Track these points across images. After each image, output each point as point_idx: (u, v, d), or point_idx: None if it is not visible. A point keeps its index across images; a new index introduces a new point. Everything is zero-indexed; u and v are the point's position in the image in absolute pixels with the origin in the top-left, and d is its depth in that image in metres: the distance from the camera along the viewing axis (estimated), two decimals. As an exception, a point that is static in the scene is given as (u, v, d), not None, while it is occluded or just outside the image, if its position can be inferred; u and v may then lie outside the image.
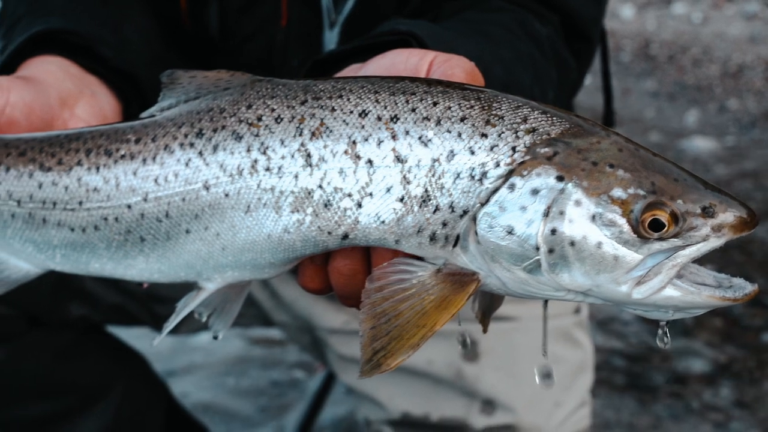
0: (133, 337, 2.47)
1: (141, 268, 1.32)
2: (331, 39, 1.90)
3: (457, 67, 1.26)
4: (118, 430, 2.30)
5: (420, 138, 1.17)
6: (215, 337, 1.37)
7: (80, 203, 1.30)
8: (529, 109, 1.18)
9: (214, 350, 3.53)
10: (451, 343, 1.99)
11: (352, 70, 1.40)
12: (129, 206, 1.28)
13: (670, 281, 1.13)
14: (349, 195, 1.19)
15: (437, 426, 2.18)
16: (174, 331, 2.30)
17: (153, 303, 2.21)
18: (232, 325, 2.37)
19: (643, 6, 7.06)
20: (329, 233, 1.20)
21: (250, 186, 1.22)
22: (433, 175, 1.17)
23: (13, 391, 2.17)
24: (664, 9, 7.01)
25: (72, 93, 1.54)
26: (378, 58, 1.35)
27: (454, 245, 1.17)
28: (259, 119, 1.23)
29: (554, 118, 1.17)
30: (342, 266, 1.24)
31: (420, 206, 1.17)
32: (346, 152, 1.19)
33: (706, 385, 3.31)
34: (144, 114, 1.33)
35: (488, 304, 1.30)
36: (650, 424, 3.16)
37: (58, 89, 1.52)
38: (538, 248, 1.13)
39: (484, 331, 1.29)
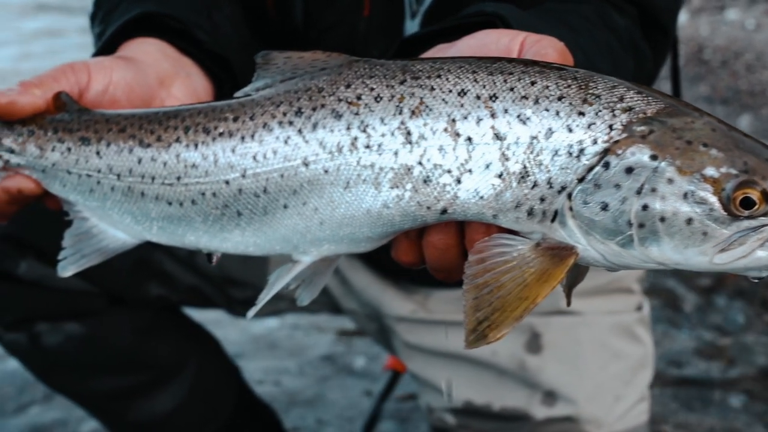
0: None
1: (236, 241, 1.33)
2: (412, 29, 1.91)
3: (549, 47, 1.26)
4: (191, 407, 2.33)
5: (519, 116, 1.17)
6: (300, 304, 1.37)
7: (178, 178, 1.31)
8: (625, 89, 1.18)
9: (277, 337, 3.52)
10: (515, 335, 1.98)
11: (439, 50, 1.40)
12: (227, 182, 1.29)
13: (759, 248, 1.13)
14: (449, 171, 1.19)
15: (499, 415, 2.18)
16: (244, 312, 2.34)
17: (228, 286, 2.24)
18: (301, 311, 2.39)
19: (697, 12, 6.98)
20: (428, 208, 1.20)
21: (350, 163, 1.23)
22: (532, 152, 1.17)
23: (93, 366, 2.21)
24: (718, 15, 6.92)
25: (169, 73, 1.56)
26: (467, 38, 1.36)
27: (552, 220, 1.18)
28: (359, 98, 1.24)
29: (649, 98, 1.17)
30: (437, 240, 1.24)
31: (518, 182, 1.17)
32: (445, 130, 1.19)
33: (760, 382, 3.25)
34: (239, 93, 1.34)
35: (574, 278, 1.29)
36: (701, 421, 3.11)
37: (157, 69, 1.54)
38: (630, 224, 1.14)
39: (568, 304, 1.28)
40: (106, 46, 1.60)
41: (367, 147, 1.22)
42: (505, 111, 1.18)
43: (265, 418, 2.64)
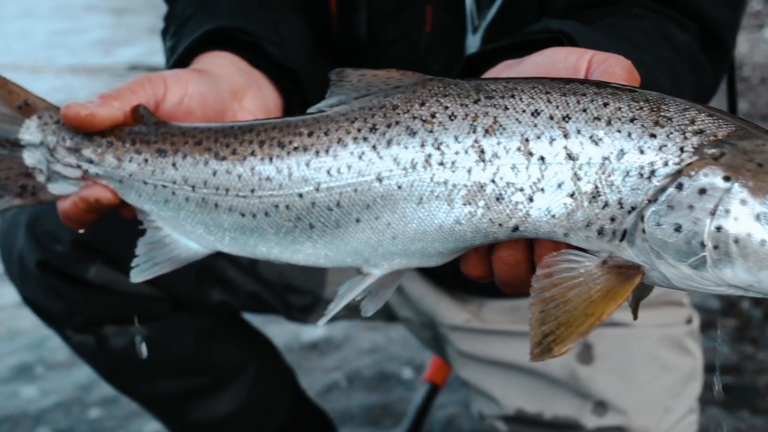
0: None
1: (308, 253, 1.33)
2: (473, 44, 1.90)
3: (617, 66, 1.25)
4: (249, 409, 2.33)
5: (591, 137, 1.17)
6: (365, 315, 1.36)
7: (252, 191, 1.31)
8: (696, 112, 1.17)
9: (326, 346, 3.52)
10: None
11: (506, 66, 1.40)
12: (300, 195, 1.29)
13: None
14: (521, 189, 1.19)
15: (550, 424, 2.17)
16: (302, 319, 2.35)
17: (287, 293, 2.25)
18: (353, 318, 2.39)
19: (736, 30, 6.99)
20: (500, 225, 1.20)
21: (423, 179, 1.22)
22: (604, 173, 1.16)
23: (157, 368, 2.22)
24: (756, 33, 6.87)
25: (241, 86, 1.57)
26: (536, 55, 1.35)
27: (621, 239, 1.17)
28: (433, 116, 1.23)
29: (720, 121, 1.16)
30: (506, 256, 1.23)
31: (590, 202, 1.17)
32: (518, 149, 1.19)
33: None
34: (312, 109, 1.34)
35: (640, 293, 1.28)
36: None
37: (229, 82, 1.54)
38: (703, 245, 1.12)
39: (635, 318, 1.27)
40: (180, 60, 1.61)
41: (441, 164, 1.22)
42: (578, 131, 1.17)
43: (319, 422, 2.64)
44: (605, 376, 2.10)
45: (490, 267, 1.26)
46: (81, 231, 1.50)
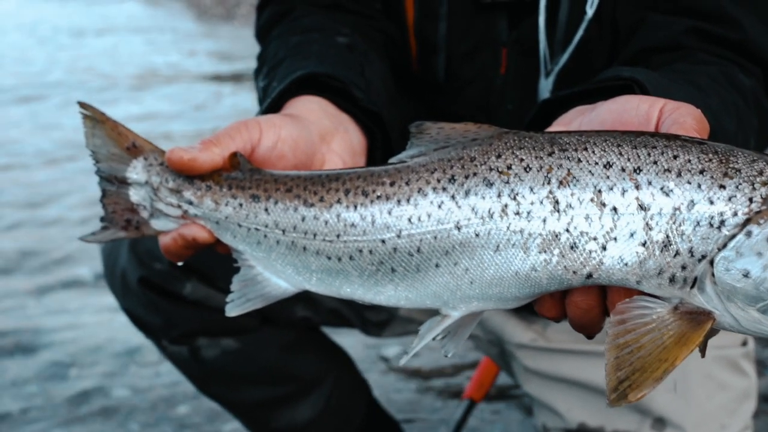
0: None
1: (389, 295, 1.32)
2: (545, 87, 1.88)
3: (687, 116, 1.23)
4: (327, 417, 2.35)
5: (662, 188, 1.15)
6: (446, 356, 1.35)
7: (338, 236, 1.32)
8: (764, 163, 1.15)
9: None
10: None
11: (578, 112, 1.39)
12: (383, 241, 1.28)
13: None
14: (595, 239, 1.17)
15: None
16: (377, 333, 2.38)
17: (364, 309, 2.26)
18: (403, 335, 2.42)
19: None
20: (574, 272, 1.18)
21: (500, 228, 1.21)
22: (674, 222, 1.14)
23: (244, 377, 2.25)
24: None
25: (329, 130, 1.57)
26: (609, 102, 1.33)
27: (692, 286, 1.14)
28: (509, 168, 1.22)
29: None
30: (580, 301, 1.21)
31: (661, 251, 1.15)
32: (592, 200, 1.17)
33: None
34: (393, 159, 1.33)
35: (709, 335, 1.25)
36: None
37: (319, 126, 1.55)
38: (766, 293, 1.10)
39: (702, 356, 1.25)
40: (273, 103, 1.61)
41: (517, 213, 1.20)
42: (649, 183, 1.15)
43: (390, 429, 2.65)
44: (664, 394, 2.06)
45: (564, 309, 1.25)
46: (179, 264, 1.52)
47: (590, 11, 1.83)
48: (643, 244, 1.16)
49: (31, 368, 3.65)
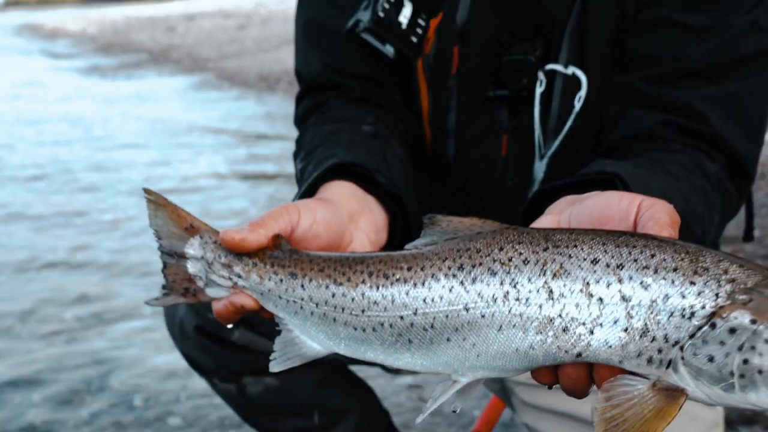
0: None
1: (407, 361, 1.32)
2: (539, 168, 1.88)
3: (662, 212, 1.23)
4: None
5: (641, 283, 1.15)
6: (454, 411, 1.35)
7: (363, 311, 1.32)
8: (729, 263, 1.15)
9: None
10: None
11: (568, 202, 1.38)
12: (401, 317, 1.29)
13: None
14: (583, 324, 1.18)
15: None
16: (395, 371, 2.33)
17: None
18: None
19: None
20: (566, 351, 1.19)
21: (503, 311, 1.22)
22: (652, 313, 1.15)
23: (283, 410, 2.23)
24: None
25: (357, 211, 1.56)
26: (595, 196, 1.33)
27: (667, 367, 1.15)
28: (510, 260, 1.22)
29: (749, 271, 1.14)
30: (571, 373, 1.21)
31: (640, 336, 1.15)
32: (581, 290, 1.18)
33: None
34: (409, 246, 1.33)
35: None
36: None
37: (348, 208, 1.54)
38: (732, 374, 1.11)
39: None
40: (309, 188, 1.62)
41: (517, 300, 1.21)
42: (630, 278, 1.16)
43: None
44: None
45: (557, 378, 1.24)
46: (229, 326, 1.52)
47: (578, 105, 1.84)
48: (625, 330, 1.17)
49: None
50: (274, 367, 1.41)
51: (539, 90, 1.85)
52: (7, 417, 3.52)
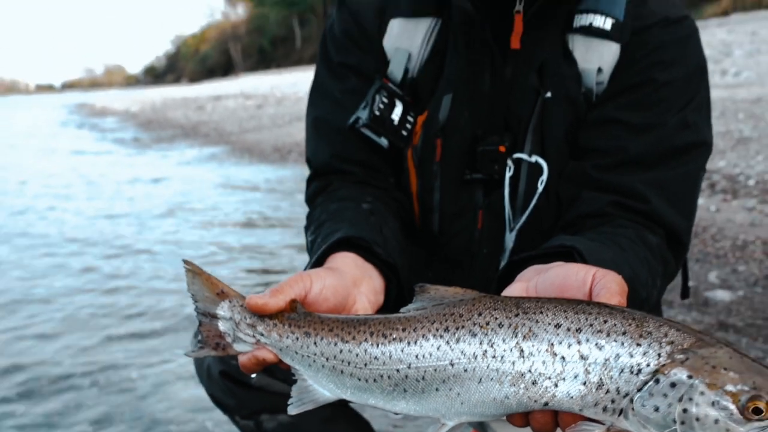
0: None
1: (402, 407, 1.32)
2: (510, 238, 1.88)
3: (612, 282, 1.24)
4: None
5: (596, 344, 1.17)
6: None
7: (365, 365, 1.32)
8: (668, 327, 1.16)
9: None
10: None
11: (535, 271, 1.39)
12: (398, 370, 1.29)
13: None
14: (549, 378, 1.18)
15: None
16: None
17: None
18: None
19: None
20: (535, 401, 1.19)
21: (482, 366, 1.22)
22: (606, 369, 1.16)
23: None
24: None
25: (359, 277, 1.56)
26: (557, 267, 1.34)
27: (619, 415, 1.15)
28: (487, 323, 1.23)
29: (685, 334, 1.15)
30: (539, 418, 1.21)
31: (596, 389, 1.16)
32: (547, 350, 1.19)
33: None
34: (403, 310, 1.34)
35: None
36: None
37: (351, 275, 1.54)
38: (674, 421, 1.11)
39: None
40: (319, 258, 1.62)
41: (494, 357, 1.22)
42: (587, 340, 1.17)
43: None
44: None
45: (528, 422, 1.25)
46: (253, 376, 1.52)
47: (540, 187, 1.85)
48: (584, 384, 1.18)
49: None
50: (292, 410, 1.41)
51: (508, 174, 1.86)
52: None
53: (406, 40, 1.93)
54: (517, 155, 1.86)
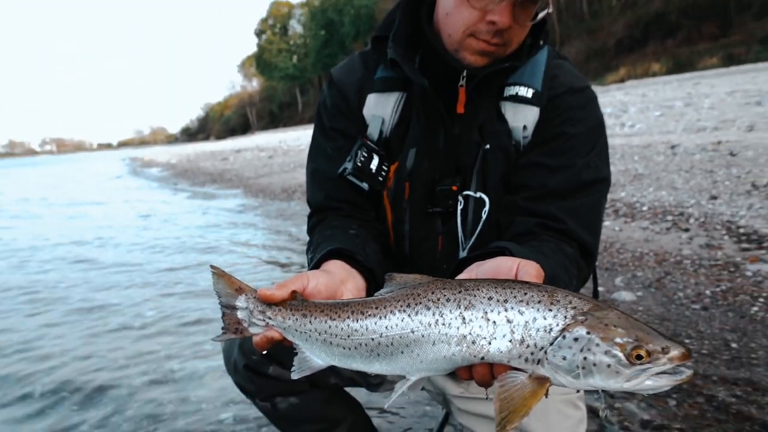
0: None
1: (377, 368, 1.31)
2: (462, 254, 1.88)
3: (532, 268, 1.25)
4: None
5: (519, 311, 1.16)
6: (408, 397, 1.35)
7: (348, 336, 1.31)
8: (572, 297, 1.17)
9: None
10: None
11: (476, 265, 1.39)
12: (372, 339, 1.27)
13: (646, 380, 1.10)
14: (485, 338, 1.18)
15: None
16: (375, 390, 2.28)
17: (368, 376, 2.19)
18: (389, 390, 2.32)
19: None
20: (474, 356, 1.19)
21: (435, 332, 1.21)
22: (526, 329, 1.15)
23: (302, 419, 2.16)
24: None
25: (346, 278, 1.57)
26: (492, 260, 1.35)
27: (537, 363, 1.15)
28: (438, 300, 1.23)
29: (585, 302, 1.16)
30: (479, 370, 1.21)
31: (520, 345, 1.15)
32: (482, 317, 1.18)
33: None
34: (377, 294, 1.33)
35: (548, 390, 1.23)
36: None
37: (340, 275, 1.55)
38: (578, 367, 1.11)
39: (546, 396, 1.21)
40: (315, 264, 1.63)
41: (443, 324, 1.21)
42: (512, 308, 1.17)
43: None
44: (535, 422, 1.97)
45: (472, 374, 1.24)
46: (264, 352, 1.51)
47: (484, 216, 1.86)
48: (510, 341, 1.17)
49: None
50: (294, 375, 1.40)
51: (460, 207, 1.88)
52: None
53: (380, 109, 1.97)
54: (465, 193, 1.88)
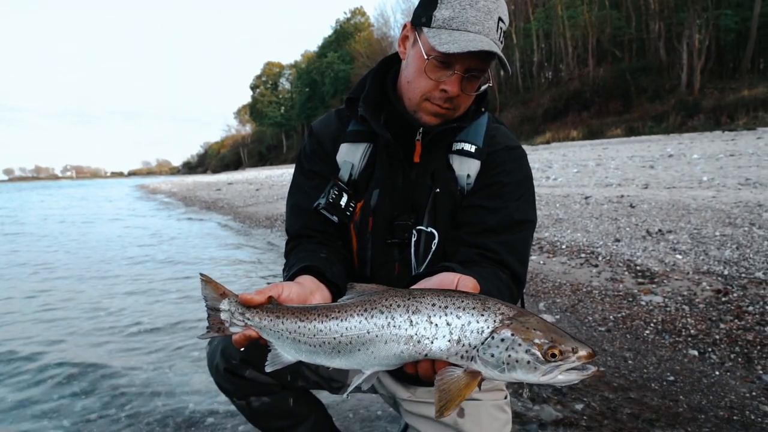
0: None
1: (337, 363, 1.27)
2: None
3: (469, 281, 1.26)
4: None
5: (457, 315, 1.15)
6: (364, 390, 1.30)
7: (314, 335, 1.28)
8: (501, 304, 1.17)
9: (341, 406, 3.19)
10: (455, 409, 1.87)
11: (425, 280, 1.39)
12: (334, 338, 1.25)
13: (559, 374, 1.10)
14: (428, 338, 1.16)
15: None
16: (336, 392, 2.23)
17: (331, 381, 2.12)
18: (360, 391, 2.27)
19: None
20: (419, 353, 1.17)
21: (386, 333, 1.19)
22: (462, 331, 1.14)
23: (273, 415, 2.08)
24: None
25: (315, 289, 1.55)
26: (437, 276, 1.35)
27: (470, 360, 1.14)
28: (390, 305, 1.21)
29: (511, 309, 1.16)
30: (423, 365, 1.20)
31: (457, 344, 1.15)
32: (426, 320, 1.17)
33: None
34: (340, 300, 1.31)
35: (480, 382, 1.23)
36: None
37: (310, 287, 1.53)
38: (504, 363, 1.11)
39: (479, 390, 1.24)
40: (289, 278, 1.61)
41: (394, 326, 1.19)
42: (451, 313, 1.16)
43: None
44: (470, 423, 1.94)
45: (417, 370, 1.22)
46: (242, 349, 1.46)
47: (434, 247, 1.87)
48: (449, 341, 1.16)
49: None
50: (268, 369, 1.35)
51: (414, 239, 1.88)
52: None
53: (350, 156, 1.99)
54: (419, 227, 1.89)
